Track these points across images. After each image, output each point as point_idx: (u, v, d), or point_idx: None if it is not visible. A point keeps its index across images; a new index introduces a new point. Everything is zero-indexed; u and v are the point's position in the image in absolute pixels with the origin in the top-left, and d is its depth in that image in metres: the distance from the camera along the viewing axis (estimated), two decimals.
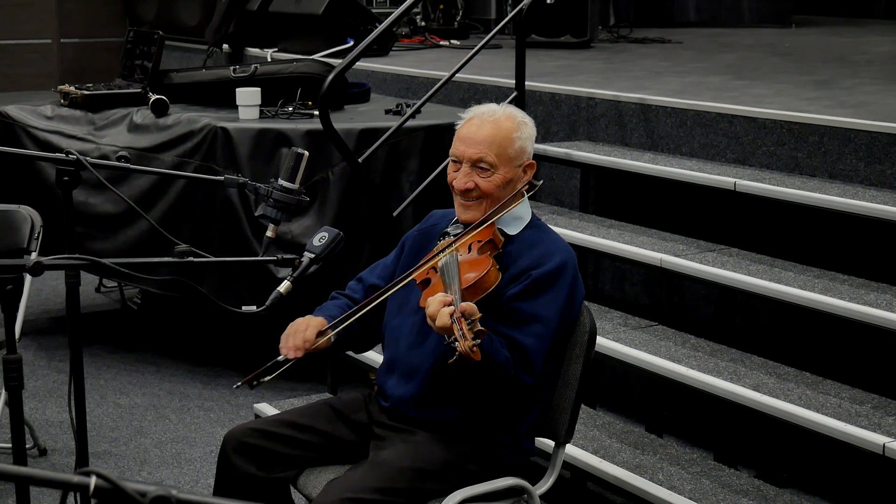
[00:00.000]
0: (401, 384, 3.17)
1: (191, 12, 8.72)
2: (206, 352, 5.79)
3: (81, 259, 2.64)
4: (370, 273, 3.40)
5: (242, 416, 4.88)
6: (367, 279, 3.38)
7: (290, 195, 3.13)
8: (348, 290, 3.38)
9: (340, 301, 3.32)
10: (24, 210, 4.50)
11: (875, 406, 3.64)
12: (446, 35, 8.65)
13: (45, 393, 5.23)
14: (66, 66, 9.56)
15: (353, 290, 3.38)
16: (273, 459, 3.15)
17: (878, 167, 4.42)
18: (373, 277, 3.37)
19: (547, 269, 3.07)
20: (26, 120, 5.70)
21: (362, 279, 3.39)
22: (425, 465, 3.02)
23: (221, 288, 5.07)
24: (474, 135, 3.14)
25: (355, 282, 3.41)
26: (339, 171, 5.09)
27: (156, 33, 5.81)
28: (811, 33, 9.18)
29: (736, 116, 4.91)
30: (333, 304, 3.31)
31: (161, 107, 5.46)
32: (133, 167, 3.41)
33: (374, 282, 3.34)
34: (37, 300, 6.43)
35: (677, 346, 4.17)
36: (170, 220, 5.19)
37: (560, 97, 5.68)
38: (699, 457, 3.96)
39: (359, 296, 3.33)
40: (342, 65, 4.76)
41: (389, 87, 6.70)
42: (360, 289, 3.36)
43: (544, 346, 3.04)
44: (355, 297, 3.33)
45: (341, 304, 3.29)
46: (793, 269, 4.22)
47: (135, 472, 4.51)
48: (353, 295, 3.35)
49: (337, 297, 3.36)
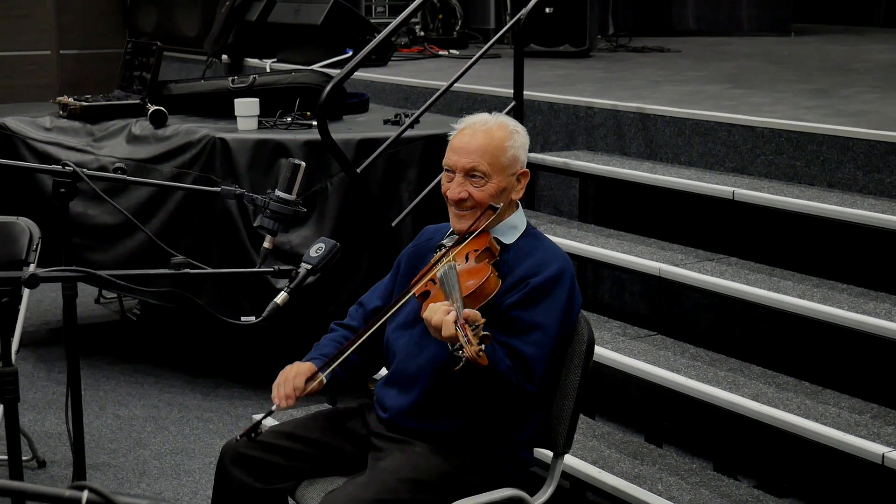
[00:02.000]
0: (399, 395, 3.17)
1: (190, 23, 8.73)
2: (206, 363, 5.79)
3: (78, 271, 2.64)
4: (370, 296, 3.40)
5: (241, 428, 4.85)
6: (367, 303, 3.39)
7: (287, 206, 3.13)
8: (348, 317, 3.39)
9: (337, 334, 3.34)
10: (22, 221, 4.50)
11: (874, 415, 3.63)
12: (445, 45, 8.66)
13: (44, 404, 5.22)
14: (65, 78, 9.57)
15: (353, 317, 3.39)
16: (271, 471, 3.14)
17: (877, 176, 4.41)
18: (373, 300, 3.38)
19: (545, 276, 3.07)
20: (25, 131, 5.70)
21: (363, 304, 3.40)
22: (424, 476, 3.01)
23: (220, 298, 5.07)
24: (467, 144, 3.14)
25: (356, 307, 3.41)
26: (338, 181, 5.10)
27: (154, 44, 5.81)
28: (810, 41, 9.18)
29: (734, 125, 4.91)
30: (329, 338, 3.33)
31: (160, 118, 5.46)
32: (129, 179, 3.42)
33: (375, 304, 3.36)
34: (36, 311, 6.42)
35: (676, 356, 4.16)
36: (168, 230, 5.18)
37: (559, 106, 5.69)
38: (699, 467, 3.96)
39: (357, 323, 3.34)
40: (340, 75, 4.76)
41: (388, 97, 6.70)
42: (359, 315, 3.37)
43: (544, 354, 3.04)
44: (353, 325, 3.35)
45: (337, 338, 3.31)
46: (792, 278, 4.22)
47: (134, 484, 4.50)
48: (351, 323, 3.36)
49: (335, 329, 3.37)
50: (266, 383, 5.56)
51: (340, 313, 4.84)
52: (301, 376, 3.15)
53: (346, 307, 3.45)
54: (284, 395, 3.12)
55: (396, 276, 3.35)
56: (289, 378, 3.15)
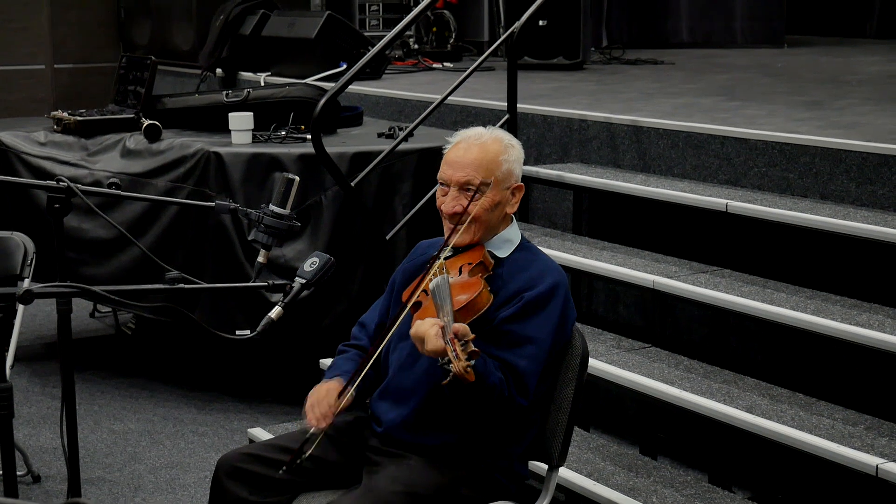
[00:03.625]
0: (393, 408, 3.17)
1: (184, 37, 8.75)
2: (200, 377, 5.79)
3: (72, 287, 2.64)
4: (371, 315, 3.41)
5: (236, 441, 4.87)
6: (369, 324, 3.39)
7: (281, 221, 3.13)
8: (353, 338, 3.40)
9: (350, 354, 3.34)
10: (17, 237, 4.50)
11: (868, 427, 3.64)
12: (439, 58, 8.67)
13: (38, 419, 5.22)
14: (59, 92, 9.58)
15: (358, 337, 3.39)
16: (266, 484, 3.14)
17: (870, 188, 4.42)
18: (374, 318, 3.39)
19: (539, 290, 3.08)
20: (19, 146, 5.71)
21: (364, 324, 3.41)
22: (418, 490, 3.01)
23: (214, 312, 5.07)
24: (462, 158, 3.15)
25: (358, 328, 3.42)
26: (332, 194, 5.10)
27: (149, 58, 5.82)
28: (803, 53, 9.21)
29: (728, 138, 4.92)
30: (344, 358, 3.33)
31: (154, 132, 5.47)
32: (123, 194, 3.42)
33: (377, 322, 3.36)
34: (31, 326, 6.42)
35: (670, 368, 4.17)
36: (163, 244, 5.19)
37: (552, 119, 5.70)
38: (693, 479, 3.96)
39: (364, 342, 3.35)
40: (334, 89, 4.77)
41: (382, 111, 6.71)
42: (363, 335, 3.38)
43: (538, 367, 3.05)
44: (361, 344, 3.35)
45: (352, 357, 3.31)
46: (785, 290, 4.23)
47: (129, 499, 4.50)
48: (359, 343, 3.36)
49: (346, 350, 3.37)
50: (260, 397, 5.58)
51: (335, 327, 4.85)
52: (333, 393, 3.13)
53: (341, 321, 3.46)
54: (321, 415, 3.09)
55: (392, 294, 3.36)
56: (321, 398, 3.13)
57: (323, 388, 3.17)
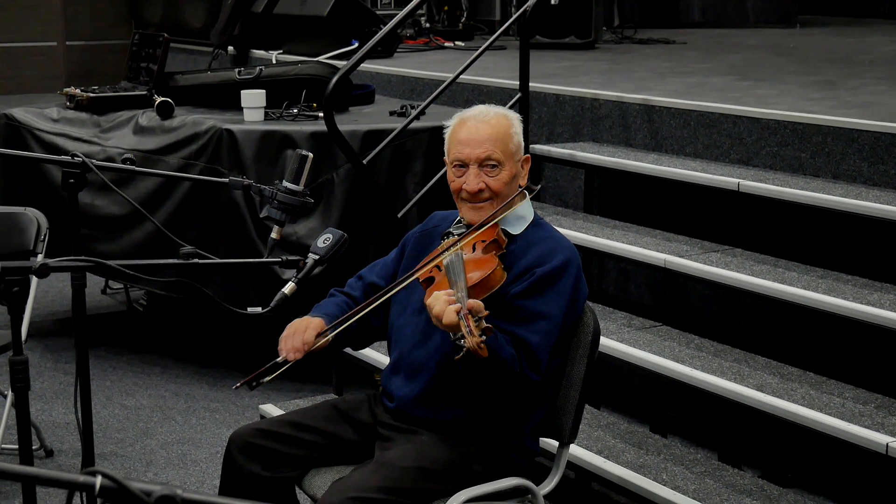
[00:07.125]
0: (405, 384, 3.18)
1: (196, 14, 8.74)
2: (212, 353, 5.81)
3: (87, 261, 2.65)
4: (370, 271, 3.41)
5: (248, 417, 4.89)
6: (366, 277, 3.39)
7: (295, 197, 3.14)
8: (347, 287, 3.39)
9: (339, 299, 3.33)
10: (30, 212, 4.52)
11: (878, 406, 3.65)
12: (451, 36, 8.66)
13: (51, 394, 5.24)
14: (71, 69, 9.59)
15: (353, 287, 3.39)
16: (278, 459, 3.16)
17: (882, 167, 4.42)
18: (372, 276, 3.38)
19: (551, 266, 3.09)
20: (32, 122, 5.72)
21: (362, 277, 3.41)
22: (430, 465, 3.03)
23: (227, 289, 5.08)
24: (476, 135, 3.16)
25: (355, 279, 3.42)
26: (344, 172, 5.11)
27: (161, 35, 5.82)
28: (816, 33, 9.18)
29: (740, 117, 4.92)
30: (332, 301, 3.32)
31: (166, 109, 5.47)
32: (138, 169, 3.42)
33: (373, 280, 3.36)
34: (43, 302, 6.44)
35: (681, 347, 4.18)
36: (175, 221, 5.20)
37: (564, 98, 5.69)
38: (703, 457, 3.97)
39: (358, 293, 3.34)
40: (346, 66, 4.77)
41: (394, 89, 6.71)
42: (359, 287, 3.38)
43: (549, 342, 3.06)
44: (354, 294, 3.34)
45: (340, 303, 3.30)
46: (796, 269, 4.23)
47: (141, 473, 4.53)
48: (352, 293, 3.36)
49: (335, 295, 3.37)
50: None
51: None
52: (312, 330, 3.13)
53: None
54: (293, 347, 3.09)
55: (402, 256, 3.36)
56: (299, 331, 3.13)
57: (303, 322, 3.16)
